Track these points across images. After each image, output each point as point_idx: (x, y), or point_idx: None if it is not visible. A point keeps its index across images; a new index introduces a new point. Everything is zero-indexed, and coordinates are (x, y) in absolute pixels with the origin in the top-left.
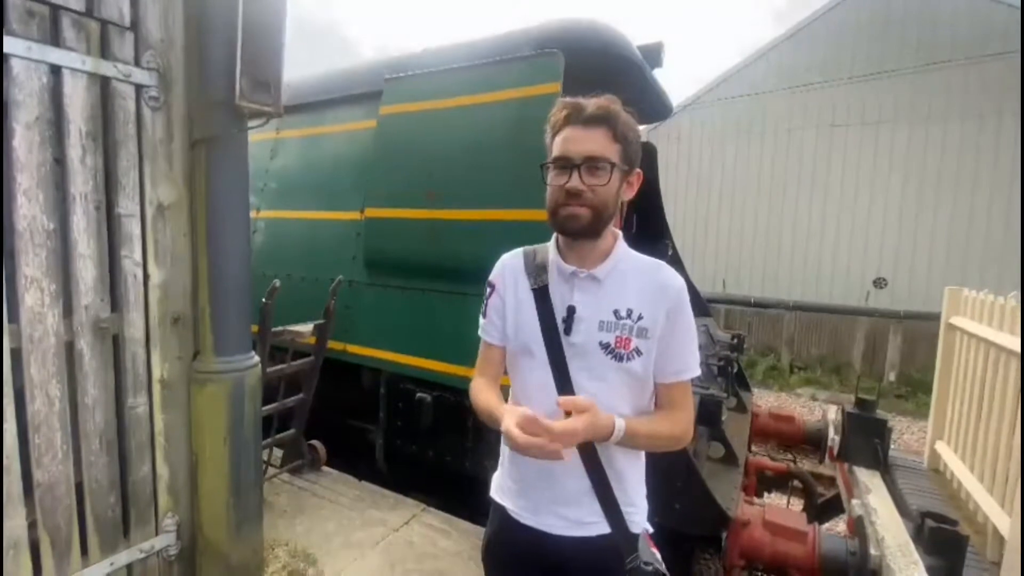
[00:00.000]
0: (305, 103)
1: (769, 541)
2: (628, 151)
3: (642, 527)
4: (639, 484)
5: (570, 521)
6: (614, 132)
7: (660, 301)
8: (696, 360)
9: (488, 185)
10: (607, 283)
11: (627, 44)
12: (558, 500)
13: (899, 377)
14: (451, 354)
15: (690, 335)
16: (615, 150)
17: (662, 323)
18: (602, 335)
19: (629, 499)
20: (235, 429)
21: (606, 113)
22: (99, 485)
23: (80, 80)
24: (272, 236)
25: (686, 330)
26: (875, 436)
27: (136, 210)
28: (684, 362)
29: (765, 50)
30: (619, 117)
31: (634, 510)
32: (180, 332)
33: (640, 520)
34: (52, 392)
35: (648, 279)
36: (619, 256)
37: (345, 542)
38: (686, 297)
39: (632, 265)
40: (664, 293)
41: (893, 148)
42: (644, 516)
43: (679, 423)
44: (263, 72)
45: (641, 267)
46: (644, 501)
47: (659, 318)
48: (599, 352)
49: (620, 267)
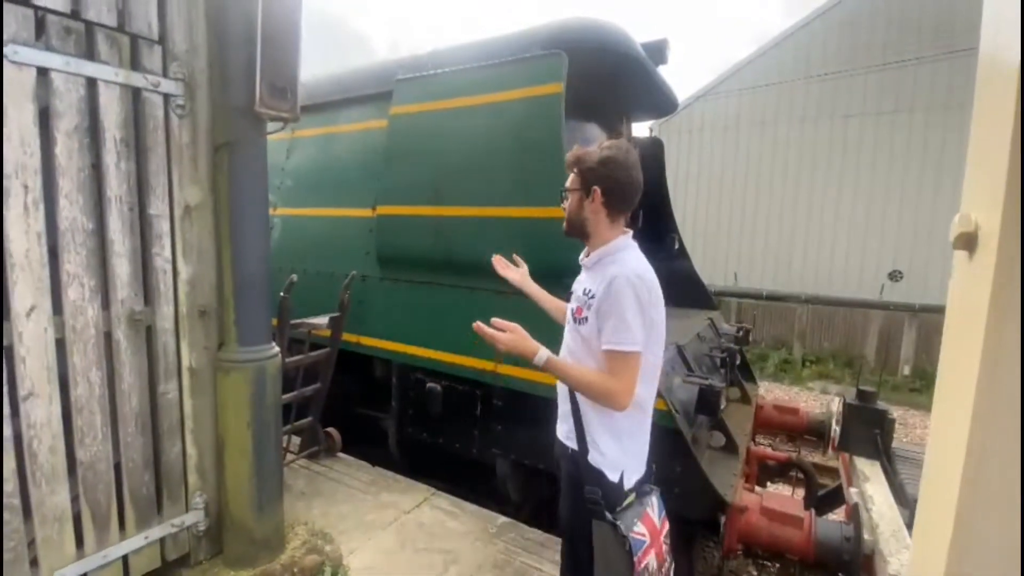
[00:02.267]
0: (318, 103)
1: (766, 526)
2: (584, 179)
3: (600, 467)
4: (601, 430)
5: (562, 429)
6: (575, 169)
7: (601, 285)
8: (618, 338)
9: (493, 183)
10: (589, 271)
11: (631, 42)
12: (562, 415)
13: (913, 371)
14: (459, 345)
15: (612, 317)
16: (576, 181)
17: (600, 301)
18: (573, 304)
19: (592, 439)
20: (257, 414)
21: (571, 159)
22: (135, 464)
23: (114, 91)
24: (288, 232)
25: (609, 312)
26: (875, 427)
27: (165, 211)
28: (607, 336)
29: (778, 39)
30: (580, 156)
31: (595, 450)
32: (206, 323)
33: (600, 460)
34: (92, 378)
35: (605, 271)
36: (603, 252)
37: (359, 523)
38: (618, 285)
39: (607, 260)
40: (606, 281)
41: (910, 137)
42: (608, 462)
43: (607, 383)
44: (280, 79)
45: (609, 262)
46: (610, 450)
47: (599, 297)
48: (572, 317)
49: (602, 260)
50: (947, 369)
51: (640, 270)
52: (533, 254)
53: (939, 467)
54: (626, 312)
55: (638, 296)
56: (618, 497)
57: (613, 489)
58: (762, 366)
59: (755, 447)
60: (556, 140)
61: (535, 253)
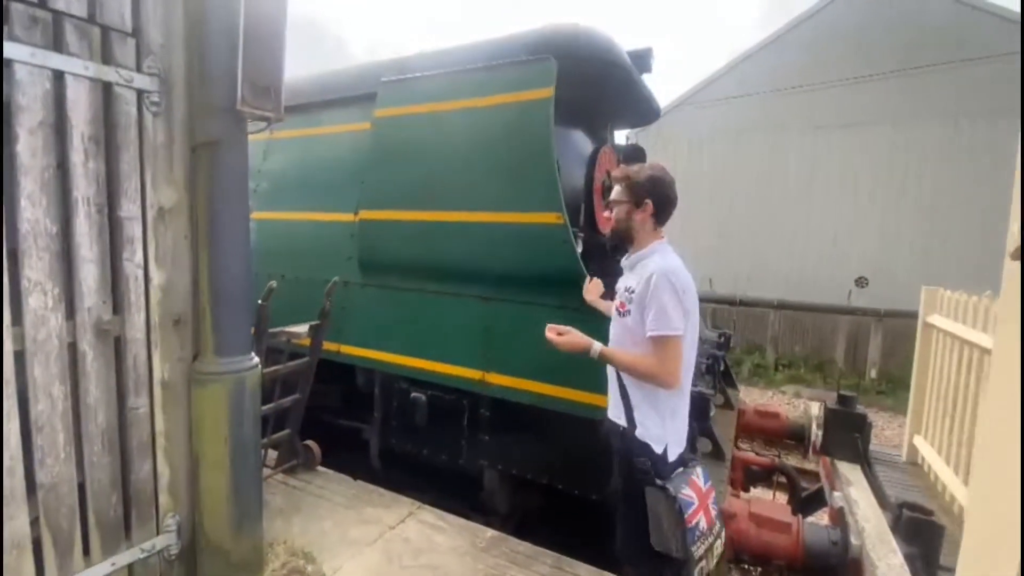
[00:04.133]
0: (298, 104)
1: (755, 532)
2: (634, 193)
3: (646, 440)
4: (647, 408)
5: (613, 410)
6: (624, 184)
7: (641, 281)
8: (660, 324)
9: (481, 188)
10: (630, 270)
11: (618, 50)
12: (612, 398)
13: (880, 374)
14: (445, 354)
15: (653, 307)
16: (626, 194)
17: (641, 295)
18: (617, 301)
19: (639, 418)
20: (236, 429)
21: (620, 175)
22: (101, 485)
23: (83, 85)
24: (265, 237)
25: (650, 303)
26: (856, 431)
27: (137, 213)
28: (650, 323)
29: (751, 52)
30: (630, 174)
31: (641, 426)
32: (181, 333)
33: (645, 434)
34: (55, 393)
35: (644, 269)
36: (642, 255)
37: (342, 539)
38: (658, 279)
39: (646, 260)
40: (643, 277)
41: (876, 149)
42: (652, 435)
43: (653, 363)
44: (264, 77)
45: (647, 262)
46: (653, 426)
47: (639, 291)
48: (616, 311)
49: (640, 261)
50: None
51: (674, 266)
52: (523, 259)
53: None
54: (666, 302)
55: (674, 287)
56: (665, 466)
57: (659, 459)
58: (737, 370)
59: (738, 452)
60: (546, 145)
61: (525, 258)
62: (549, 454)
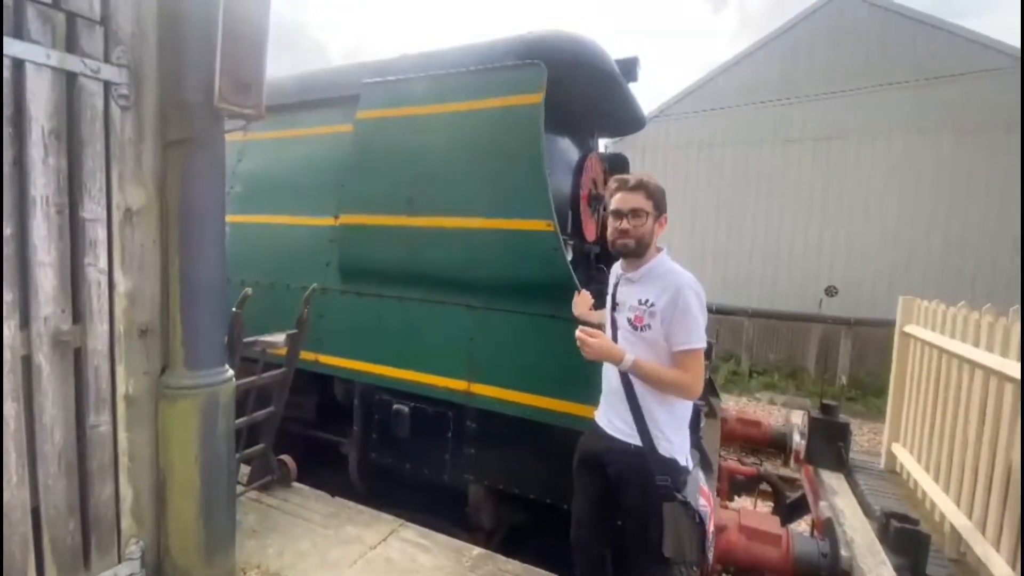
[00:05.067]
0: (276, 105)
1: (744, 545)
2: (657, 204)
3: (672, 455)
4: (668, 419)
5: (617, 427)
6: (647, 193)
7: (664, 295)
8: (692, 338)
9: (467, 194)
10: (639, 282)
11: (606, 57)
12: (616, 411)
13: (850, 380)
14: (429, 364)
15: (686, 320)
16: (649, 204)
17: (666, 309)
18: (629, 314)
19: (657, 427)
20: (207, 447)
21: (640, 182)
22: (57, 510)
23: (44, 75)
24: (239, 242)
25: (681, 317)
26: (839, 439)
27: (102, 214)
28: (682, 338)
29: (725, 67)
30: (650, 184)
31: (662, 436)
32: (148, 345)
33: (670, 448)
34: (7, 411)
35: (663, 280)
36: (652, 265)
37: (321, 561)
38: (687, 294)
39: (660, 271)
40: (667, 291)
41: (843, 162)
42: (676, 448)
43: (682, 377)
44: (244, 72)
45: (662, 273)
46: (676, 437)
47: (663, 306)
48: (627, 325)
49: (652, 272)
50: None
51: (694, 279)
52: (511, 267)
53: None
54: (697, 316)
55: (700, 300)
56: (684, 478)
57: (682, 471)
58: (712, 377)
59: (723, 462)
60: (536, 151)
61: (513, 266)
62: (537, 467)
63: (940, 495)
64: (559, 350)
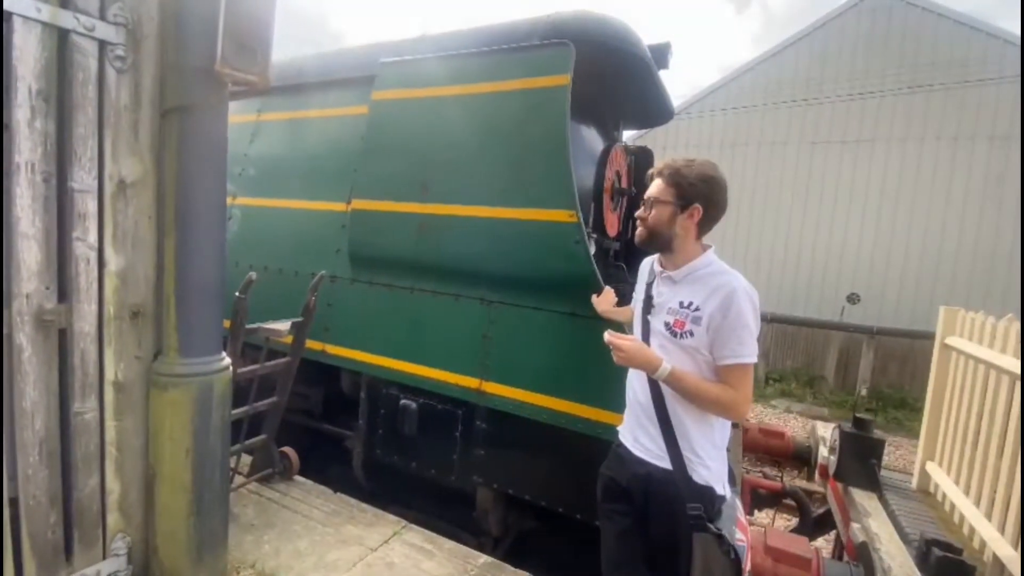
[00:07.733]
0: (290, 85)
1: (771, 568)
2: (683, 193)
3: (709, 483)
4: (704, 442)
5: (644, 447)
6: (670, 181)
7: (713, 299)
8: (744, 351)
9: (486, 180)
10: (681, 282)
11: (639, 41)
12: (643, 428)
13: (870, 392)
14: (440, 359)
15: (736, 330)
16: (669, 192)
17: (713, 315)
18: (667, 317)
19: (692, 449)
20: (199, 440)
21: (664, 168)
22: (37, 502)
23: (33, 30)
24: (248, 225)
25: (732, 326)
26: (872, 457)
27: (93, 185)
28: (731, 349)
29: (751, 65)
30: (679, 170)
31: (697, 460)
32: (140, 328)
33: (707, 475)
34: None
35: (710, 282)
36: (696, 264)
37: (319, 562)
38: (739, 300)
39: (706, 271)
40: (716, 294)
41: (871, 166)
42: (712, 472)
43: (727, 394)
44: (249, 35)
45: (710, 273)
46: (713, 463)
47: (711, 311)
48: (664, 330)
49: (696, 272)
50: None
51: (747, 283)
52: (530, 260)
53: None
54: (751, 325)
55: (755, 308)
56: (719, 507)
57: (717, 500)
58: None
59: (746, 475)
60: (560, 136)
61: (532, 259)
62: (550, 473)
63: (981, 520)
64: (579, 350)
